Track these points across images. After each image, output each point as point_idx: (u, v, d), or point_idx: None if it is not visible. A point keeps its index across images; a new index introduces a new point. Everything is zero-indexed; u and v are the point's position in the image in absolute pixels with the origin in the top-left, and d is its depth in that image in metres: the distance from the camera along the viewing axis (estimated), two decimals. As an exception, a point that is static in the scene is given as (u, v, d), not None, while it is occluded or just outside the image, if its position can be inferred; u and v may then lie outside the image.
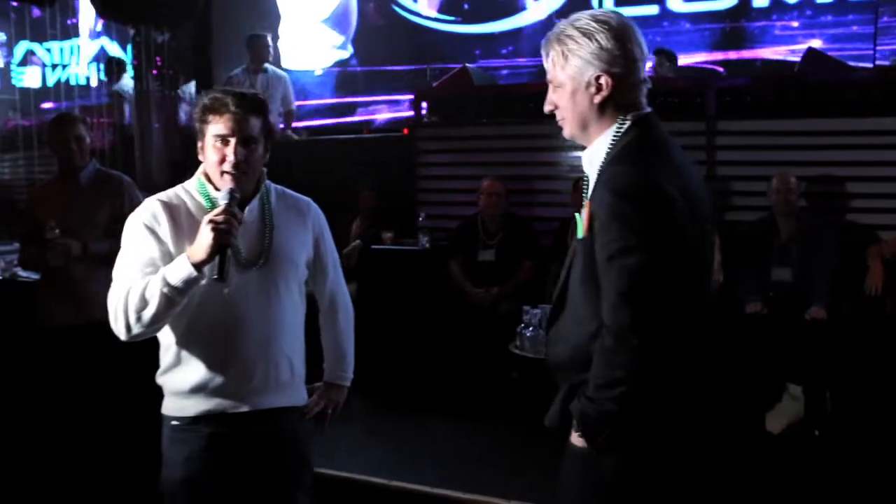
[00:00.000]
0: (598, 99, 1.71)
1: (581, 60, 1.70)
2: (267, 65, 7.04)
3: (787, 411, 4.03)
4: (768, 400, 4.06)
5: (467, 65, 6.34)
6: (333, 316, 2.39)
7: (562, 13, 7.86)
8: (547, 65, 1.78)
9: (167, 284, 1.95)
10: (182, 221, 2.09)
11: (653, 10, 7.64)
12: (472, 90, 6.11)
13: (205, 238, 1.91)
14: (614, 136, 1.71)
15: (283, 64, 8.49)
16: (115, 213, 3.65)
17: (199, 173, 2.15)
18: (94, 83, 9.71)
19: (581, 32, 1.70)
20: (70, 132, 3.62)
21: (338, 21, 9.25)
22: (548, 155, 5.56)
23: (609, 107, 1.72)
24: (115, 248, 3.55)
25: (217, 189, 2.08)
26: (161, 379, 2.17)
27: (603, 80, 1.69)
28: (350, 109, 8.62)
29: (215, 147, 2.05)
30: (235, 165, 2.03)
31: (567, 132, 1.80)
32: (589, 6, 7.40)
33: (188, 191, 2.15)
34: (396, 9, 8.55)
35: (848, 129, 4.68)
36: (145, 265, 2.05)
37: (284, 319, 2.16)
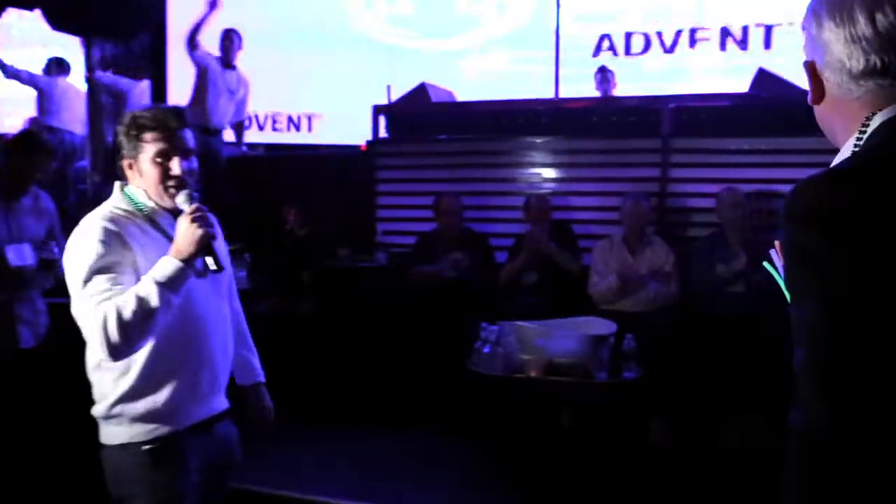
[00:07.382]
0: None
1: None
2: (236, 63, 6.73)
3: None
4: None
5: (425, 82, 6.33)
6: None
7: (523, 30, 7.90)
8: None
9: (159, 285, 1.88)
10: (131, 234, 2.02)
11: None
12: (429, 107, 6.13)
13: (192, 234, 1.93)
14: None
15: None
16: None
17: (124, 189, 2.10)
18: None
19: None
20: None
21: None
22: (503, 171, 5.62)
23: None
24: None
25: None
26: (118, 408, 2.03)
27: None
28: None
29: (155, 163, 2.03)
30: (180, 178, 2.04)
31: None
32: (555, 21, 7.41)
33: (121, 207, 2.07)
34: (353, 26, 8.53)
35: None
36: (115, 281, 1.94)
37: (230, 326, 2.26)
